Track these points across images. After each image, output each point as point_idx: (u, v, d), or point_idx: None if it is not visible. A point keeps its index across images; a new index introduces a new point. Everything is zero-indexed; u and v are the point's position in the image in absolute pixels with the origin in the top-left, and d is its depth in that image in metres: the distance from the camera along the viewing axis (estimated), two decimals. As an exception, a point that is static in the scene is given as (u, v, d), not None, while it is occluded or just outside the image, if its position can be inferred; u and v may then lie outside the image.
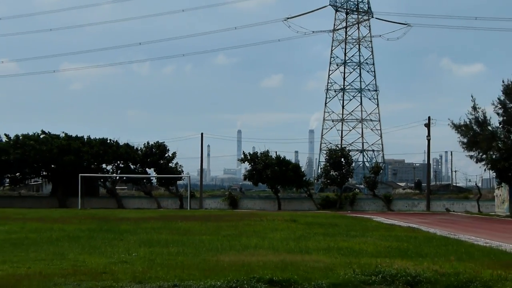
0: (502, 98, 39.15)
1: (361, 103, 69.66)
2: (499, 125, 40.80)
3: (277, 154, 46.29)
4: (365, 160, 70.32)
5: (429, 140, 48.53)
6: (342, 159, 48.42)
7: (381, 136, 69.20)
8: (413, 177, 74.65)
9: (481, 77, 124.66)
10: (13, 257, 12.58)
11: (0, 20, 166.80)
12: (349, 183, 58.09)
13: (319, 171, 57.61)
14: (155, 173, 48.24)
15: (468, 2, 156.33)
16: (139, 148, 46.15)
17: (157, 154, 46.25)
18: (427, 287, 9.36)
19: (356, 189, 59.70)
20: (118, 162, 46.27)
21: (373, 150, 70.21)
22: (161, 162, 46.67)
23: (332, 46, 69.67)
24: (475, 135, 41.45)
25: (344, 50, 69.00)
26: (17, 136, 44.00)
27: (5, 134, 45.78)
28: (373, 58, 69.55)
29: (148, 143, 45.98)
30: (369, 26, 69.21)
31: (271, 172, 44.79)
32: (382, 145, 70.04)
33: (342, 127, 70.03)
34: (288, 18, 67.95)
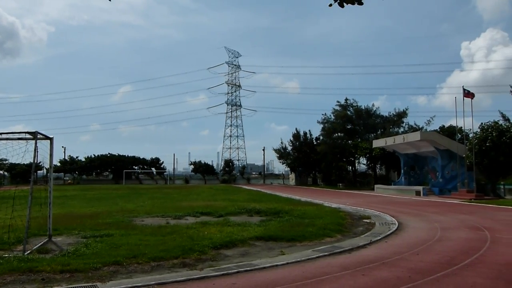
0: (292, 139, 64.05)
1: (237, 141, 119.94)
2: (291, 150, 64.98)
3: (204, 162, 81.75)
4: (239, 164, 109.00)
5: (264, 155, 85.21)
6: (230, 163, 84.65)
7: (245, 154, 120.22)
8: (258, 170, 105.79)
9: (286, 130, 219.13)
10: (95, 205, 18.33)
11: None
12: (233, 173, 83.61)
13: (221, 167, 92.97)
14: (154, 169, 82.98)
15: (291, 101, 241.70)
16: (148, 159, 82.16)
17: (155, 162, 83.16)
18: (263, 213, 14.30)
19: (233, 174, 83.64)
20: (140, 165, 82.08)
21: (242, 160, 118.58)
22: (157, 165, 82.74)
23: (226, 118, 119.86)
24: (282, 153, 66.42)
25: (230, 119, 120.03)
26: (98, 155, 79.93)
27: (88, 156, 79.09)
28: (242, 123, 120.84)
29: (152, 157, 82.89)
30: (241, 111, 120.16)
31: (202, 169, 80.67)
32: (246, 158, 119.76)
33: (230, 151, 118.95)
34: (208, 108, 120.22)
